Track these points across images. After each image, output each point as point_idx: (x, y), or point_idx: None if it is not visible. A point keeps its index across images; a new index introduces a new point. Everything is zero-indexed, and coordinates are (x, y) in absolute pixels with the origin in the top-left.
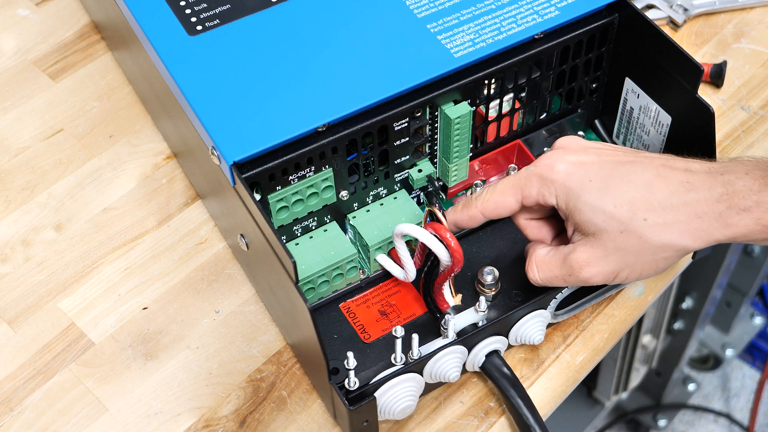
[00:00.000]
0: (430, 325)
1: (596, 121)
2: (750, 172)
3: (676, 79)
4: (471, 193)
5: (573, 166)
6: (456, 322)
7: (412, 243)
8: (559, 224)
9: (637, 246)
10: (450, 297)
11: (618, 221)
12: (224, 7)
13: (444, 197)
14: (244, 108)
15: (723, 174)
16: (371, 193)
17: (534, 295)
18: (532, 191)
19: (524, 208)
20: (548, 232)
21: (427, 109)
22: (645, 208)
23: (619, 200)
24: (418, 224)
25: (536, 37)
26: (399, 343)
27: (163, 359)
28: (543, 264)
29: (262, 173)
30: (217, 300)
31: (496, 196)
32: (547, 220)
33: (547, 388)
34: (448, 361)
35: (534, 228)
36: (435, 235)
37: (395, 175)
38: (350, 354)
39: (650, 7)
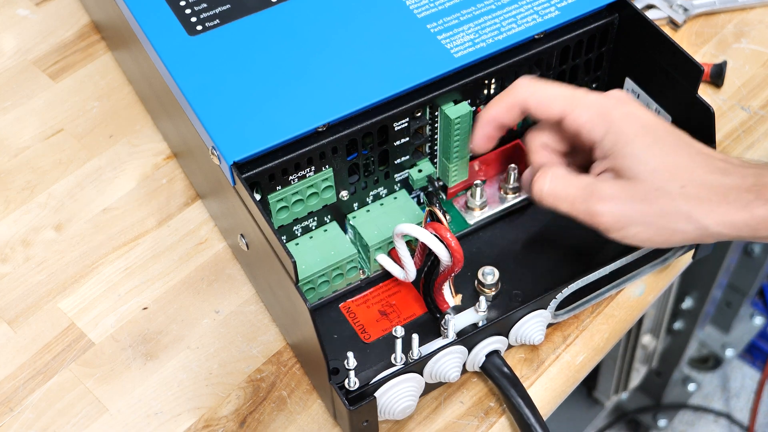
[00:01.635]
0: (430, 325)
1: None
2: None
3: (677, 79)
4: (472, 193)
5: (633, 114)
6: (456, 322)
7: (412, 243)
8: (578, 159)
9: (664, 207)
10: (450, 297)
11: (658, 178)
12: (224, 7)
13: (444, 197)
14: (244, 108)
15: (755, 167)
16: (371, 193)
17: (534, 295)
18: (583, 115)
19: (550, 130)
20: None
21: (427, 109)
22: (685, 177)
23: (665, 161)
24: (419, 224)
25: (536, 37)
26: (399, 343)
27: (163, 359)
28: (560, 178)
29: (262, 173)
30: (217, 300)
31: (545, 89)
32: (561, 156)
33: (547, 388)
34: (448, 361)
35: (544, 157)
36: (435, 235)
37: (395, 175)
38: (350, 354)
39: (650, 7)
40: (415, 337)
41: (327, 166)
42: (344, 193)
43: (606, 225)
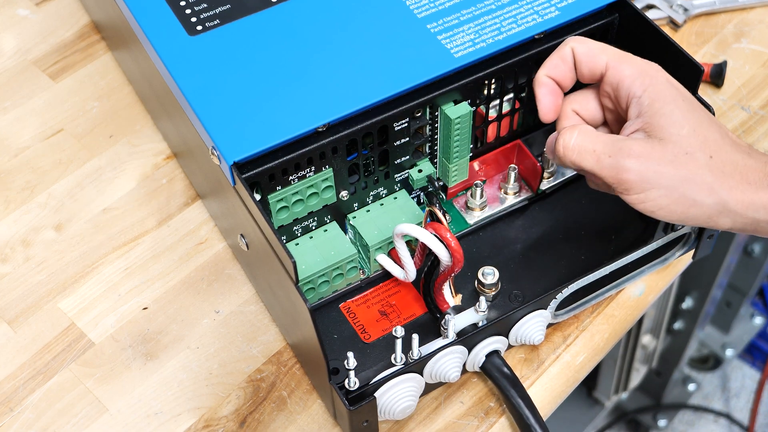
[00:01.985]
0: (430, 325)
1: None
2: None
3: (677, 79)
4: (472, 193)
5: (671, 82)
6: (456, 322)
7: (412, 243)
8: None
9: (689, 174)
10: (450, 297)
11: (690, 144)
12: (224, 7)
13: (444, 197)
14: (244, 108)
15: None
16: (371, 193)
17: (534, 295)
18: (627, 69)
19: (583, 97)
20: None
21: (427, 109)
22: (715, 149)
23: (699, 130)
24: (419, 224)
25: (536, 37)
26: (399, 343)
27: (163, 359)
28: (588, 133)
29: (262, 173)
30: (217, 300)
31: (594, 45)
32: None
33: (547, 389)
34: (448, 361)
35: (573, 121)
36: (435, 235)
37: (395, 175)
38: (350, 354)
39: (650, 7)
40: (415, 337)
41: (327, 166)
42: (344, 193)
43: (630, 183)
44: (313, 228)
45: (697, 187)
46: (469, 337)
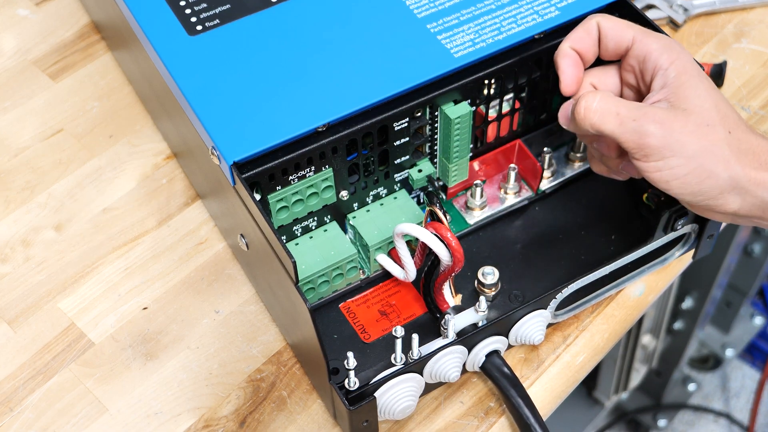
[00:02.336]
0: (430, 325)
1: None
2: None
3: None
4: (472, 193)
5: (694, 61)
6: (456, 322)
7: (412, 243)
8: None
9: (707, 146)
10: (450, 297)
11: (711, 117)
12: (224, 7)
13: (444, 197)
14: (244, 108)
15: None
16: (371, 193)
17: (534, 295)
18: (652, 44)
19: (602, 71)
20: None
21: (427, 109)
22: (734, 125)
23: (720, 105)
24: (419, 224)
25: (536, 37)
26: (399, 343)
27: (163, 359)
28: (609, 97)
29: (262, 173)
30: (217, 300)
31: (619, 20)
32: None
33: (547, 389)
34: (448, 361)
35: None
36: (436, 235)
37: (395, 175)
38: (350, 354)
39: (650, 7)
40: (415, 337)
41: (327, 166)
42: (344, 193)
43: (652, 148)
44: (313, 228)
45: (715, 158)
46: (469, 337)
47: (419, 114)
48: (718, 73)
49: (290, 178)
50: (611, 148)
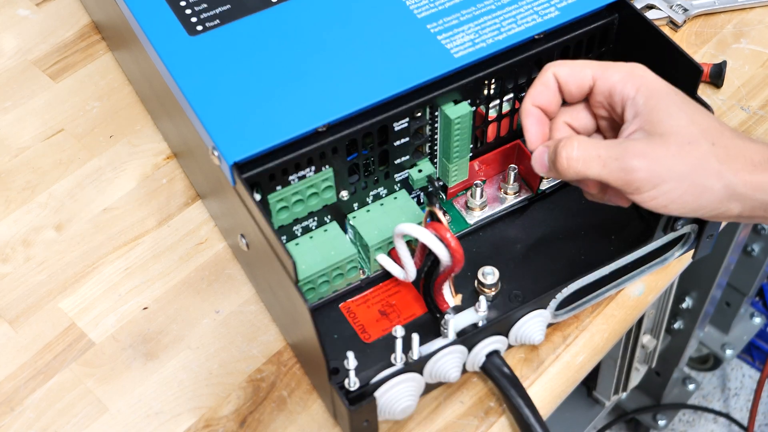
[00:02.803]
0: (430, 325)
1: None
2: None
3: (676, 79)
4: (472, 193)
5: (662, 81)
6: (456, 322)
7: (412, 243)
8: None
9: (695, 163)
10: (450, 297)
11: (690, 133)
12: (224, 7)
13: (444, 197)
14: (244, 108)
15: None
16: (371, 193)
17: (534, 295)
18: (614, 77)
19: (572, 109)
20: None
21: (427, 109)
22: (716, 135)
23: (696, 119)
24: (419, 224)
25: (536, 37)
26: (399, 343)
27: (163, 359)
28: (587, 143)
29: (262, 173)
30: (217, 300)
31: (573, 63)
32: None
33: (547, 388)
34: (448, 361)
35: (566, 133)
36: (435, 235)
37: (395, 175)
38: (350, 354)
39: (650, 7)
40: (415, 337)
41: (327, 166)
42: (344, 193)
43: (640, 182)
44: (313, 228)
45: (706, 173)
46: (469, 337)
47: (419, 114)
48: (717, 73)
49: (290, 178)
50: (592, 187)
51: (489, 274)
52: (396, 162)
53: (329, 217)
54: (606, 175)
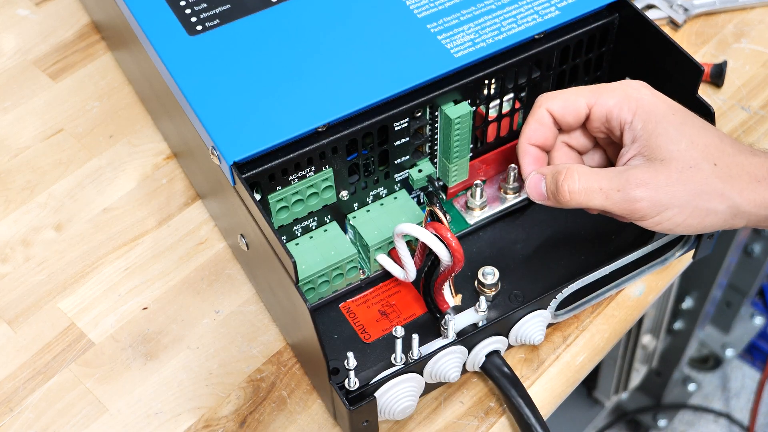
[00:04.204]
0: (430, 325)
1: None
2: None
3: (677, 79)
4: (472, 193)
5: (657, 97)
6: (456, 322)
7: (412, 243)
8: (596, 159)
9: (698, 186)
10: (450, 297)
11: (691, 156)
12: (224, 7)
13: (444, 197)
14: (244, 108)
15: None
16: (371, 193)
17: (534, 295)
18: (609, 102)
19: (569, 130)
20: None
21: (427, 109)
22: (717, 155)
23: (696, 140)
24: (419, 224)
25: (536, 37)
26: (399, 343)
27: (163, 359)
28: (588, 173)
29: (262, 173)
30: (217, 300)
31: (566, 94)
32: (580, 156)
33: (547, 389)
34: (448, 361)
35: (564, 155)
36: (436, 235)
37: (395, 175)
38: (350, 354)
39: (650, 7)
40: (415, 337)
41: (327, 166)
42: (344, 193)
43: (644, 211)
44: (313, 228)
45: (709, 196)
46: (469, 337)
47: (419, 114)
48: (718, 73)
49: (290, 178)
50: (594, 210)
51: (489, 274)
52: (396, 162)
53: (329, 217)
54: (609, 206)
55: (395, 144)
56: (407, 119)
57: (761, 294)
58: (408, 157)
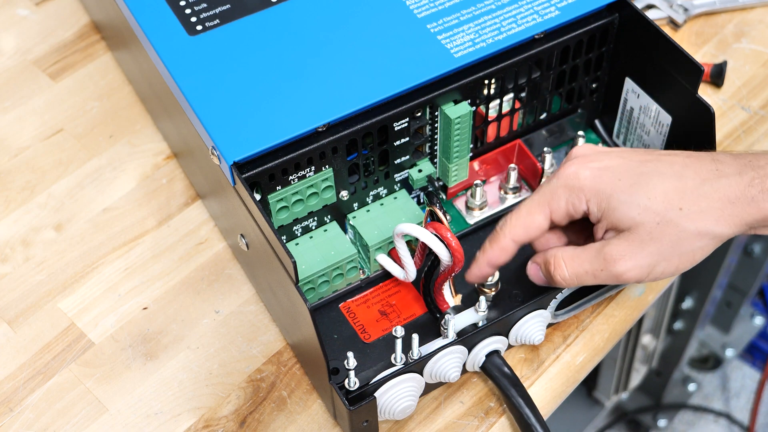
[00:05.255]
0: (430, 325)
1: (596, 121)
2: None
3: (677, 79)
4: (472, 193)
5: (598, 171)
6: (456, 322)
7: (412, 243)
8: (570, 235)
9: (674, 236)
10: (450, 297)
11: (654, 213)
12: (224, 7)
13: (444, 197)
14: (244, 108)
15: (751, 159)
16: (371, 193)
17: (534, 295)
18: (561, 203)
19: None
20: (558, 241)
21: (427, 109)
22: (679, 197)
23: (653, 193)
24: (419, 224)
25: (536, 37)
26: (399, 343)
27: (163, 359)
28: (572, 259)
29: (262, 173)
30: (217, 300)
31: (523, 219)
32: (560, 231)
33: (547, 389)
34: (448, 361)
35: (544, 240)
36: (436, 235)
37: (395, 175)
38: (350, 354)
39: (650, 7)
40: (415, 337)
41: (327, 166)
42: (344, 193)
43: (635, 277)
44: (313, 228)
45: (687, 241)
46: (469, 337)
47: (419, 114)
48: (718, 73)
49: (290, 178)
50: None
51: None
52: (396, 162)
53: (329, 217)
54: (601, 281)
55: (395, 144)
56: (407, 119)
57: (761, 294)
58: (408, 157)
